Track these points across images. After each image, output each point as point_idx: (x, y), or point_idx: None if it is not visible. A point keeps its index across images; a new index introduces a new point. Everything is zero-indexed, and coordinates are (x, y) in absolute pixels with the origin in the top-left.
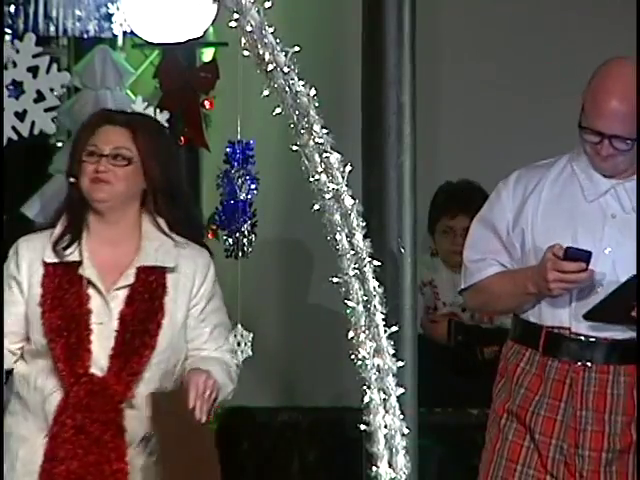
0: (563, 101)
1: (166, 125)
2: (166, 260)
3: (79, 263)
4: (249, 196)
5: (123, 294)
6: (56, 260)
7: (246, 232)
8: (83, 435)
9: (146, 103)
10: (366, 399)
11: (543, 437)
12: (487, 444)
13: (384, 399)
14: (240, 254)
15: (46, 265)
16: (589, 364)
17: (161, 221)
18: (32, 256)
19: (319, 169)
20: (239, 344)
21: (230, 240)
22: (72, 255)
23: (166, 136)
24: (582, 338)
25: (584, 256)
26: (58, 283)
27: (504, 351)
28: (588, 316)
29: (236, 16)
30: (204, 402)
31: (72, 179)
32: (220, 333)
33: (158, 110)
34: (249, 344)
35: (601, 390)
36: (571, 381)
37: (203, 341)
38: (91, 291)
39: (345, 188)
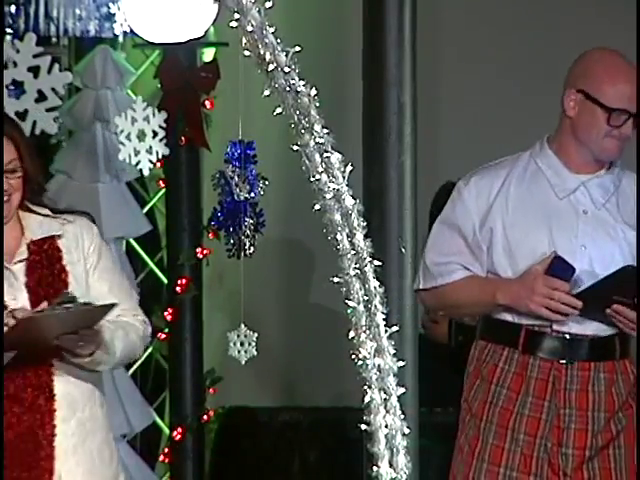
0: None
1: (164, 126)
2: (52, 230)
3: None
4: (252, 195)
5: (22, 268)
6: None
7: (248, 232)
8: (17, 404)
9: (145, 103)
10: (367, 399)
11: (528, 437)
12: (462, 445)
13: (385, 399)
14: (242, 254)
15: None
16: (571, 362)
17: (31, 205)
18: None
19: (320, 169)
20: (242, 344)
21: (231, 240)
22: None
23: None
24: (563, 336)
25: (569, 272)
26: None
27: (475, 353)
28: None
29: (237, 16)
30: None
31: None
32: (122, 292)
33: (157, 111)
34: (253, 344)
35: (583, 387)
36: (554, 379)
37: (104, 299)
38: None
39: (346, 188)
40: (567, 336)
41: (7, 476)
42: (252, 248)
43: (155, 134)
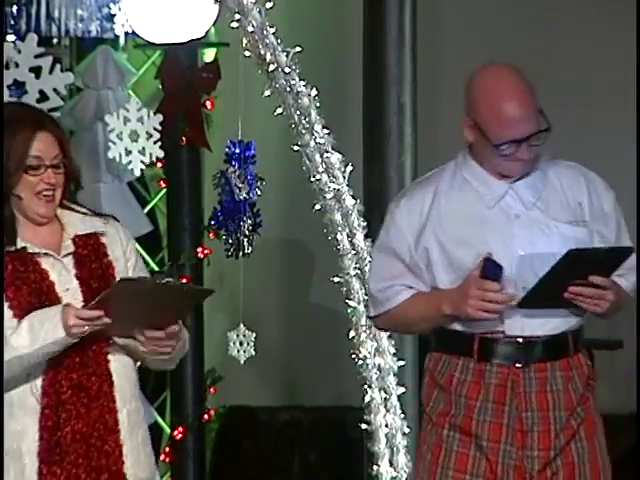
0: (564, 101)
1: (159, 128)
2: (95, 227)
3: (23, 248)
4: (250, 195)
5: (70, 261)
6: None
7: (247, 232)
8: (83, 392)
9: (140, 104)
10: (367, 398)
11: (491, 443)
12: (425, 454)
13: (385, 398)
14: (241, 254)
15: None
16: (527, 365)
17: (69, 204)
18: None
19: (320, 169)
20: (241, 344)
21: (230, 240)
22: (11, 248)
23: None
24: (516, 340)
25: (499, 271)
26: (12, 268)
27: (430, 365)
28: (522, 304)
29: (238, 17)
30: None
31: (22, 194)
32: None
33: (152, 113)
34: (252, 344)
35: (541, 389)
36: (512, 384)
37: None
38: (46, 265)
39: (346, 188)
40: (520, 340)
41: (87, 465)
42: (249, 248)
43: (150, 136)
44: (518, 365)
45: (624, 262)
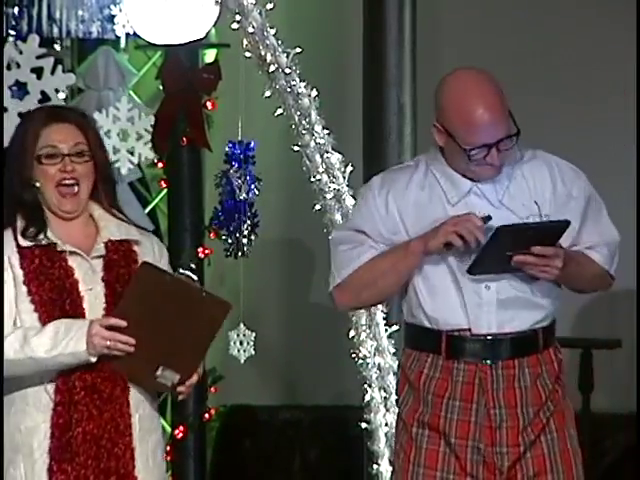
0: (563, 101)
1: (150, 130)
2: (130, 234)
3: (54, 244)
4: (249, 196)
5: (99, 264)
6: (31, 244)
7: (246, 232)
8: (96, 394)
9: (131, 104)
10: (367, 397)
11: (459, 440)
12: (398, 452)
13: (385, 397)
14: (240, 254)
15: (21, 249)
16: (495, 362)
17: (111, 209)
18: (4, 245)
19: (320, 169)
20: (242, 343)
21: (230, 240)
22: (43, 240)
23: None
24: (483, 337)
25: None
26: (39, 262)
27: (402, 360)
28: (471, 271)
29: (238, 17)
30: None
31: (37, 184)
32: None
33: (144, 114)
34: (252, 343)
35: (509, 385)
36: (480, 381)
37: None
38: (73, 263)
39: (346, 188)
40: (488, 337)
41: (96, 466)
42: (249, 248)
43: (140, 137)
44: (486, 362)
45: (564, 232)
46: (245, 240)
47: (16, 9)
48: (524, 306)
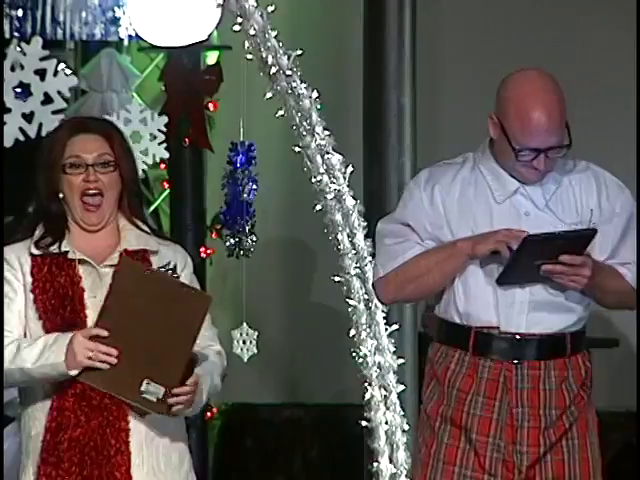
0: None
1: (164, 130)
2: (148, 245)
3: (65, 253)
4: (251, 197)
5: (110, 272)
6: (42, 252)
7: (247, 232)
8: (85, 402)
9: (143, 106)
10: (367, 396)
11: (480, 436)
12: (421, 446)
13: (385, 396)
14: (242, 254)
15: (33, 257)
16: (521, 361)
17: (135, 220)
18: (17, 253)
19: (321, 170)
20: (244, 342)
21: (232, 240)
22: (55, 250)
23: (127, 139)
24: (511, 336)
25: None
26: (47, 270)
27: (431, 354)
28: (500, 281)
29: (240, 20)
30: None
31: (62, 195)
32: (211, 329)
33: (156, 115)
34: (254, 342)
35: (534, 386)
36: (504, 379)
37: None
38: (82, 272)
39: (347, 189)
40: (517, 337)
41: (78, 473)
42: (250, 248)
43: (154, 137)
44: (512, 361)
45: (591, 241)
46: (248, 240)
47: (20, 11)
48: (556, 309)
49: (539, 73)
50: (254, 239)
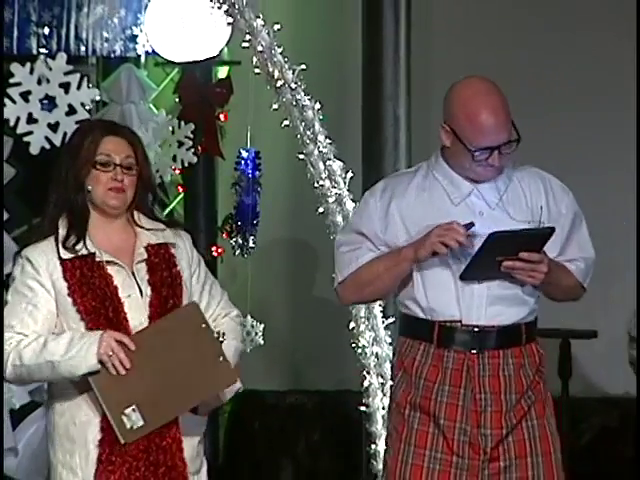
0: (559, 110)
1: (190, 137)
2: (167, 238)
3: (92, 254)
4: (256, 200)
5: (143, 268)
6: (71, 256)
7: (251, 233)
8: None
9: (170, 116)
10: (366, 383)
11: (448, 422)
12: (392, 432)
13: (382, 383)
14: (244, 253)
15: (63, 261)
16: (482, 351)
17: (150, 218)
18: (45, 258)
19: (323, 175)
20: (249, 334)
21: (239, 240)
22: (82, 250)
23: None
24: (472, 329)
25: (469, 225)
26: (80, 273)
27: (397, 346)
28: (463, 276)
29: (248, 37)
30: None
31: (89, 187)
32: (216, 291)
33: (183, 123)
34: (260, 334)
35: (494, 373)
36: (467, 368)
37: (217, 302)
38: (112, 272)
39: (347, 193)
40: (476, 329)
41: (139, 458)
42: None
43: (181, 144)
44: (473, 351)
45: (549, 239)
46: (251, 240)
47: (47, 29)
48: (512, 302)
49: (480, 78)
50: (254, 240)
